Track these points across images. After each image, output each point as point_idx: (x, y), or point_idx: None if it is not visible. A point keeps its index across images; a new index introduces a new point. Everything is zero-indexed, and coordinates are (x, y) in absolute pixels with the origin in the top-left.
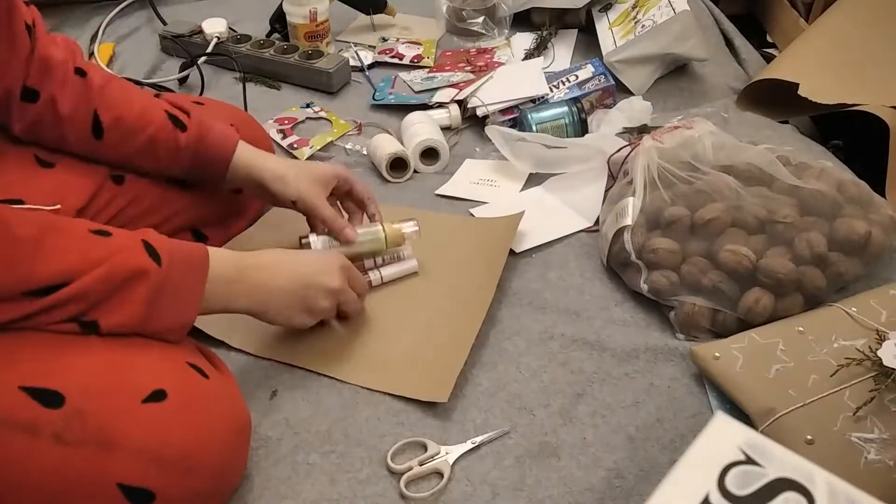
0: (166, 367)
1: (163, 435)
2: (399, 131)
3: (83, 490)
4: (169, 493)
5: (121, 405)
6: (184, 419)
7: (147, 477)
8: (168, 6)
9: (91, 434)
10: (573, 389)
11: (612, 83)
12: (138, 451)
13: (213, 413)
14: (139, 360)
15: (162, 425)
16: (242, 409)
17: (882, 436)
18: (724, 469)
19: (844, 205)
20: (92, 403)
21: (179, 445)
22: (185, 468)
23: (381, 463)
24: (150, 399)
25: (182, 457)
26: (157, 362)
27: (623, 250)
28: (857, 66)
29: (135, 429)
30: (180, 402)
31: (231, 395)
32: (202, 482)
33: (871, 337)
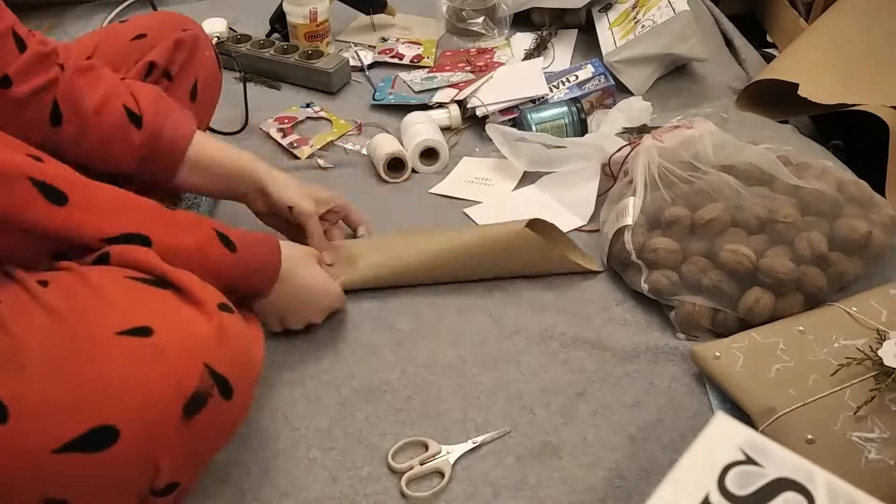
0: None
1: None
2: (399, 131)
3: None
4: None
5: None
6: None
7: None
8: (168, 6)
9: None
10: (574, 389)
11: (611, 83)
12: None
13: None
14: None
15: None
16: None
17: (883, 435)
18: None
19: (845, 205)
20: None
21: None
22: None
23: (382, 461)
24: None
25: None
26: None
27: (623, 250)
28: (857, 66)
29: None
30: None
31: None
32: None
33: (872, 336)
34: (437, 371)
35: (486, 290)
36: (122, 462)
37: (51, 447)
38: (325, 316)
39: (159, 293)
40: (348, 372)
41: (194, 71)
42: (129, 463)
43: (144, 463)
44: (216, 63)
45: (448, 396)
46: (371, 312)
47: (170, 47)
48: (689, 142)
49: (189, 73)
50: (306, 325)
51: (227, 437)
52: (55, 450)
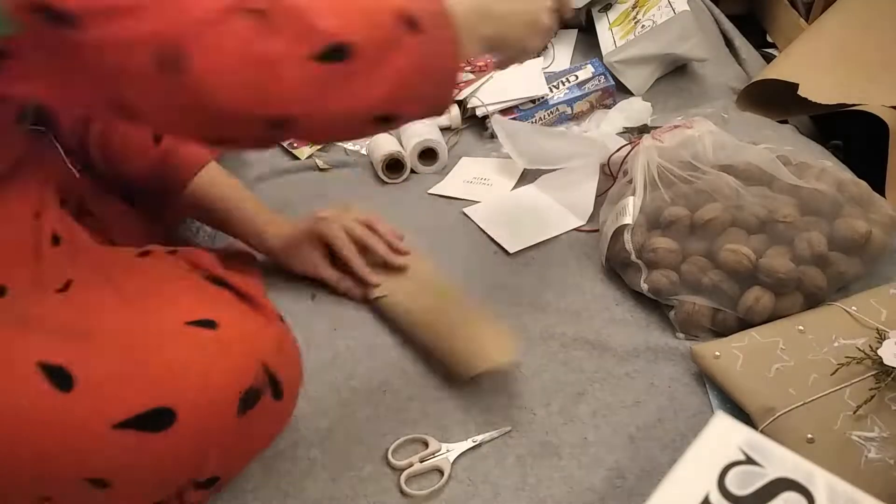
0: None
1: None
2: (398, 131)
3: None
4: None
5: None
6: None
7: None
8: None
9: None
10: (574, 389)
11: (611, 83)
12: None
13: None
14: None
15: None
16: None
17: (882, 434)
18: (724, 469)
19: (844, 204)
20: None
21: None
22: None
23: (383, 461)
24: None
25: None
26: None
27: (623, 250)
28: (857, 66)
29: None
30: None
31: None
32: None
33: (872, 336)
34: (437, 371)
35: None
36: (175, 446)
37: (110, 422)
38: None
39: (223, 293)
40: (348, 372)
41: None
42: (182, 448)
43: (196, 451)
44: None
45: (448, 396)
46: (371, 312)
47: None
48: (689, 142)
49: None
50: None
51: (271, 439)
52: (114, 425)
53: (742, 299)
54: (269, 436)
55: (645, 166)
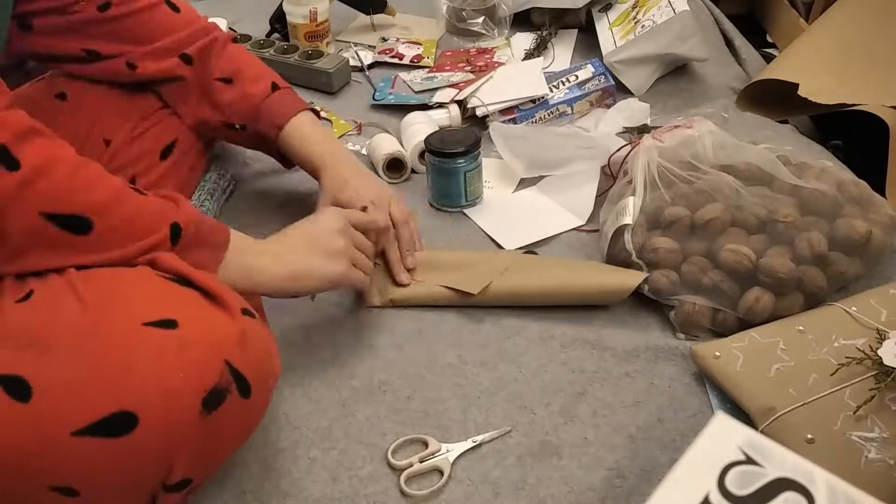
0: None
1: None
2: (399, 131)
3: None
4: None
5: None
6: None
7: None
8: None
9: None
10: (574, 389)
11: (611, 83)
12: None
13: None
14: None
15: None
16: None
17: (882, 435)
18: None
19: (845, 204)
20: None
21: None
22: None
23: (383, 461)
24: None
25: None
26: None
27: (623, 250)
28: (857, 66)
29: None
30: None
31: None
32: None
33: (872, 336)
34: (437, 371)
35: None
36: (138, 451)
37: (70, 429)
38: (343, 238)
39: (186, 292)
40: (348, 372)
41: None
42: (146, 453)
43: (161, 454)
44: None
45: (448, 396)
46: (371, 312)
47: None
48: (689, 142)
49: None
50: (344, 260)
51: (242, 438)
52: (74, 432)
53: (742, 299)
54: (241, 434)
55: (645, 166)
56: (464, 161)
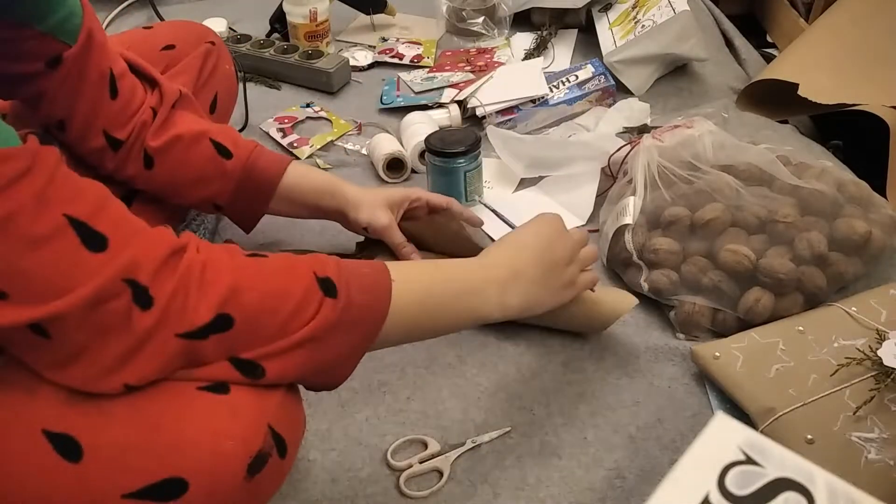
0: None
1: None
2: (399, 131)
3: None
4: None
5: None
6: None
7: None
8: (168, 6)
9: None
10: (574, 389)
11: (611, 83)
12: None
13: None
14: None
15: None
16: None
17: (882, 435)
18: (724, 469)
19: (845, 205)
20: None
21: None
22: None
23: (382, 462)
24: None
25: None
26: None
27: (624, 250)
28: (857, 66)
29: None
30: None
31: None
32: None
33: (871, 336)
34: (436, 371)
35: None
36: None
37: (120, 492)
38: (579, 241)
39: None
40: None
41: (215, 85)
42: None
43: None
44: (234, 76)
45: (447, 397)
46: None
47: (199, 60)
48: (689, 141)
49: (210, 87)
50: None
51: (274, 493)
52: (124, 495)
53: (742, 300)
54: (273, 492)
55: (645, 166)
56: (464, 161)
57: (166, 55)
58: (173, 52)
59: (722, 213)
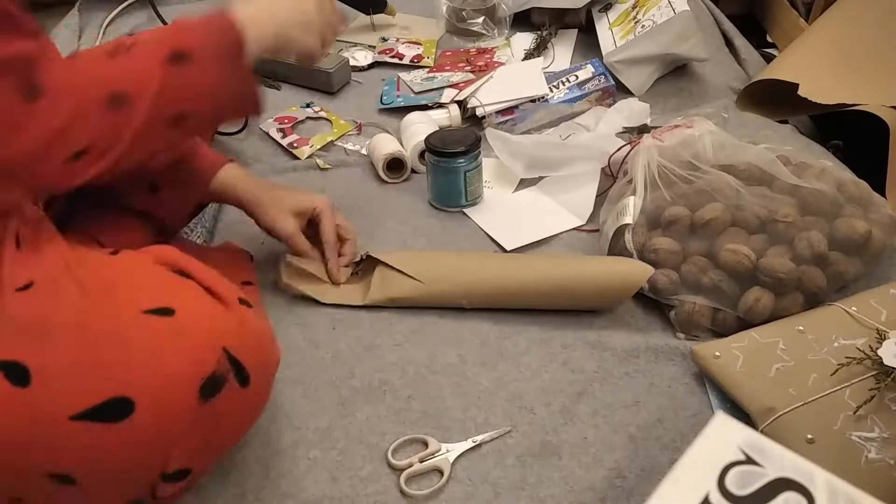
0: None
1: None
2: (399, 131)
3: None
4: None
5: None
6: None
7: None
8: (168, 6)
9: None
10: (574, 389)
11: (611, 83)
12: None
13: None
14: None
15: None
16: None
17: (882, 434)
18: (724, 469)
19: (845, 204)
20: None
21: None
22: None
23: (382, 461)
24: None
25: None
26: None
27: (624, 249)
28: (857, 66)
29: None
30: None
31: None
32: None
33: (872, 336)
34: (437, 371)
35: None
36: (135, 437)
37: (68, 413)
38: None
39: (184, 282)
40: (348, 372)
41: None
42: (143, 439)
43: (158, 441)
44: None
45: (448, 396)
46: (371, 312)
47: None
48: (689, 141)
49: None
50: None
51: (243, 428)
52: (72, 416)
53: (742, 299)
54: (241, 424)
55: (646, 166)
56: (464, 160)
57: None
58: None
59: (722, 213)
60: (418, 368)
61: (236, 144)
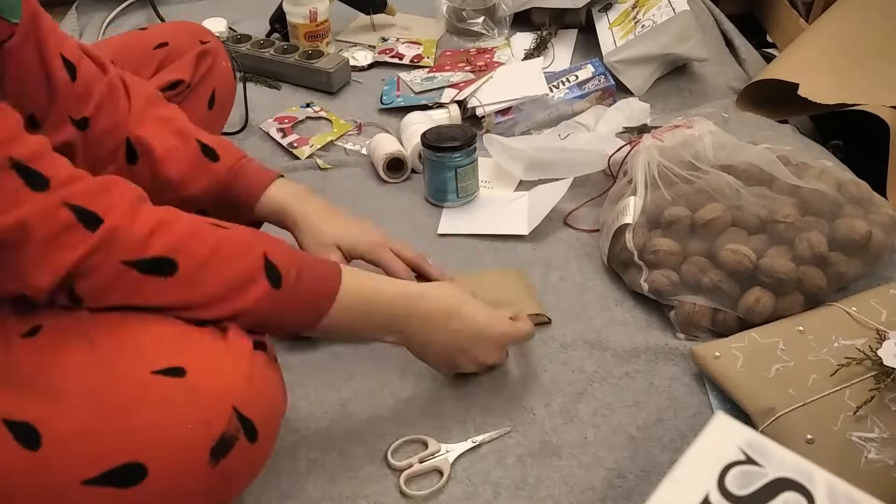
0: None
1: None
2: (399, 131)
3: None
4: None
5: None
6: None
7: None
8: (168, 6)
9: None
10: (574, 389)
11: (612, 83)
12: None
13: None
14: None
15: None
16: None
17: (882, 435)
18: (724, 469)
19: (845, 205)
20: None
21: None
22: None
23: (382, 461)
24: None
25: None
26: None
27: (624, 250)
28: (857, 66)
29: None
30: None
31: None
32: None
33: (872, 336)
34: (437, 371)
35: None
36: (147, 501)
37: (80, 479)
38: (503, 351)
39: (198, 331)
40: (348, 372)
41: (213, 81)
42: (155, 502)
43: (170, 503)
44: (232, 73)
45: (448, 396)
46: None
47: (193, 62)
48: (689, 141)
49: (208, 83)
50: (482, 366)
51: (251, 478)
52: (84, 482)
53: (742, 299)
54: (249, 475)
55: (646, 166)
56: (458, 156)
57: (160, 53)
58: (167, 50)
59: (722, 213)
60: (418, 369)
61: (236, 144)
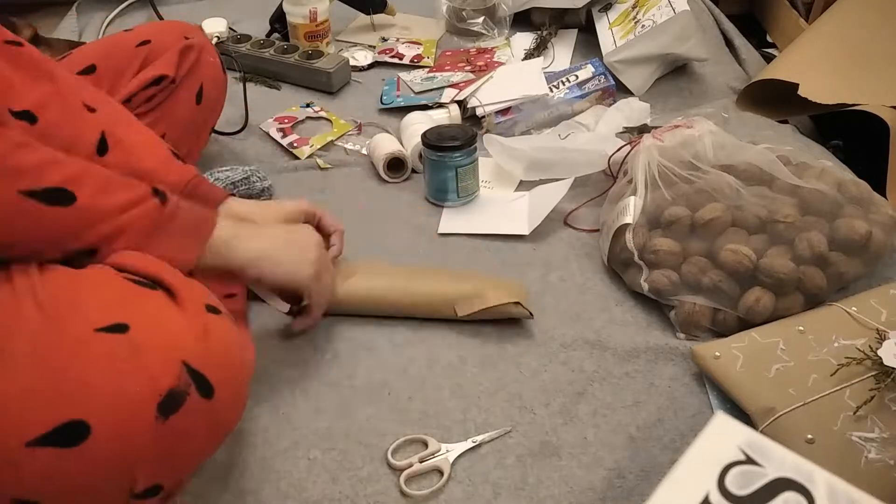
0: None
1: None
2: (399, 131)
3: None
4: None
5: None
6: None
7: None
8: (168, 6)
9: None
10: (574, 389)
11: (612, 83)
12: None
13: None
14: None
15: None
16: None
17: (882, 435)
18: (724, 469)
19: (845, 204)
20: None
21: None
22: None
23: (382, 461)
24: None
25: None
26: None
27: (625, 250)
28: (857, 66)
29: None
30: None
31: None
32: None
33: (872, 336)
34: (437, 371)
35: None
36: (94, 460)
37: (24, 439)
38: (316, 251)
39: (148, 293)
40: (348, 372)
41: (199, 76)
42: (102, 461)
43: (118, 462)
44: (220, 67)
45: (448, 396)
46: (371, 313)
47: (176, 56)
48: (689, 141)
49: (194, 78)
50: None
51: (214, 440)
52: (28, 442)
53: (742, 299)
54: (211, 435)
55: (646, 166)
56: (459, 155)
57: (143, 50)
58: (150, 47)
59: (722, 213)
60: (418, 369)
61: (236, 144)
